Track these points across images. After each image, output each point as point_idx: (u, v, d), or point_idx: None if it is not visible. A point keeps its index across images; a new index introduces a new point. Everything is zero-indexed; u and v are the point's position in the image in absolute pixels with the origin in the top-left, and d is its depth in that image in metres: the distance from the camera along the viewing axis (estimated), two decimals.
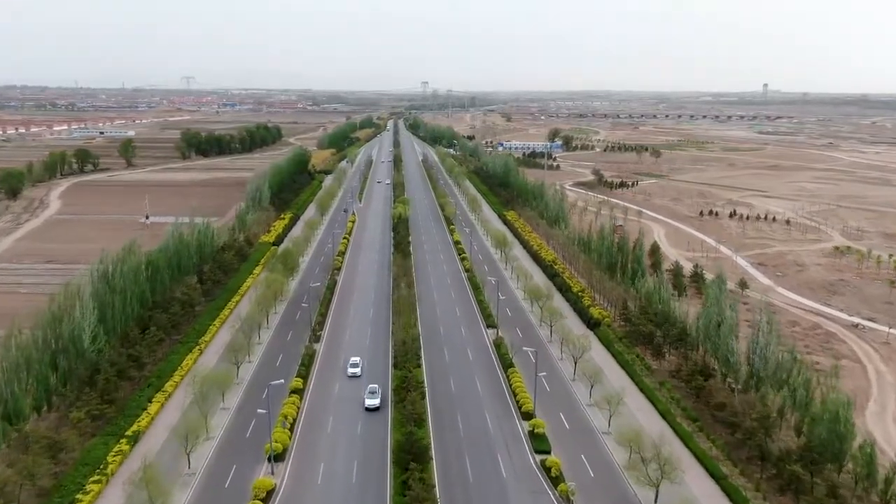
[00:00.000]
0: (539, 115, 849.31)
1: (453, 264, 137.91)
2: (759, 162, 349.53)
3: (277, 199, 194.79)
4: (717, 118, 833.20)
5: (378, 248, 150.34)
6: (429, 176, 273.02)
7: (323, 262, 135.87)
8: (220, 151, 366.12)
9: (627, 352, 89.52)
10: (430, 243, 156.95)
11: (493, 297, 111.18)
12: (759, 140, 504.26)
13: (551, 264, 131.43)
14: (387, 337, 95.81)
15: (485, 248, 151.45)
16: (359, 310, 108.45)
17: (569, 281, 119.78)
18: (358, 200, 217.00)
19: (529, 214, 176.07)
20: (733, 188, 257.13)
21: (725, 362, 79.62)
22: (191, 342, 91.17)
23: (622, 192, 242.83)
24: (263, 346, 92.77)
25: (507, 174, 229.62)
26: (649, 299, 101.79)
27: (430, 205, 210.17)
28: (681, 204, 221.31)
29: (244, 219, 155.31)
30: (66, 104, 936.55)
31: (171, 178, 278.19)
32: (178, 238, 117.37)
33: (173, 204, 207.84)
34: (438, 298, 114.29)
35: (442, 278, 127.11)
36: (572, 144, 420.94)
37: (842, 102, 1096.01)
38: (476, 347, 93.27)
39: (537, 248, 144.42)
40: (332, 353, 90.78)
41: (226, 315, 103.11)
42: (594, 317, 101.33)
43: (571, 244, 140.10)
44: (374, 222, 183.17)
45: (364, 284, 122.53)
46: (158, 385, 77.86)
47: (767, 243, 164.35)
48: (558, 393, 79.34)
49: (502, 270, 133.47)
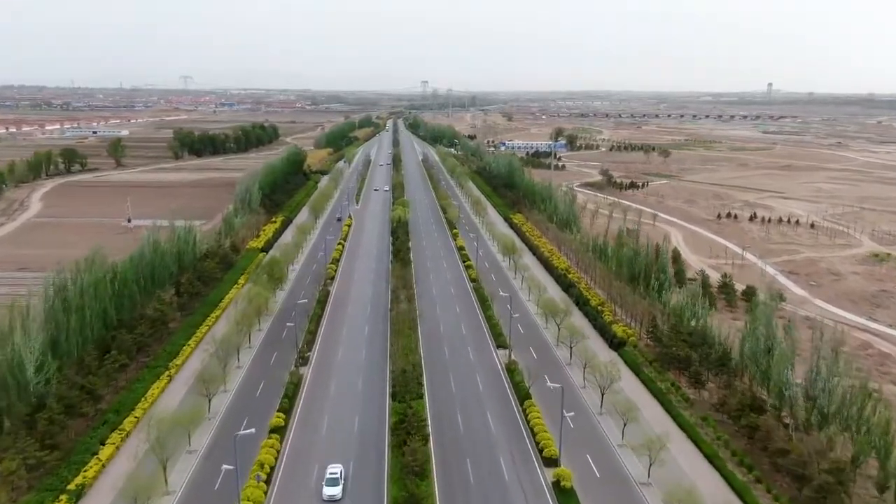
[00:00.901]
0: (540, 114, 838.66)
1: (457, 273, 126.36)
2: (771, 162, 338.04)
3: (269, 200, 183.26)
4: (719, 118, 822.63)
5: (375, 255, 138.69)
6: (429, 176, 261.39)
7: (315, 271, 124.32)
8: (215, 151, 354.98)
9: (660, 378, 78.02)
10: (432, 249, 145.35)
11: (503, 312, 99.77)
12: (766, 140, 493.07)
13: (564, 273, 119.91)
14: (384, 359, 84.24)
15: (491, 255, 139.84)
16: (353, 327, 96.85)
17: (585, 293, 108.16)
18: (355, 202, 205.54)
19: (537, 218, 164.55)
20: (748, 189, 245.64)
21: (779, 395, 68.10)
22: (160, 367, 79.67)
23: (633, 194, 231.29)
24: (243, 371, 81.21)
25: (512, 174, 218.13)
26: (680, 315, 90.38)
27: (432, 207, 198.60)
28: (696, 206, 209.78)
29: (231, 222, 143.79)
30: (62, 104, 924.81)
31: (160, 179, 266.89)
32: (153, 245, 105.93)
33: (160, 206, 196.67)
34: (442, 313, 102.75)
35: (445, 289, 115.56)
36: (576, 144, 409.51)
37: (847, 102, 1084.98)
38: (486, 373, 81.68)
39: (548, 255, 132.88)
40: (321, 380, 79.20)
41: (203, 333, 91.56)
42: (618, 335, 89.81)
43: (585, 251, 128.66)
44: (372, 225, 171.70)
45: (359, 296, 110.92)
46: (115, 422, 66.30)
47: (795, 249, 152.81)
48: (583, 430, 67.71)
49: (511, 280, 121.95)
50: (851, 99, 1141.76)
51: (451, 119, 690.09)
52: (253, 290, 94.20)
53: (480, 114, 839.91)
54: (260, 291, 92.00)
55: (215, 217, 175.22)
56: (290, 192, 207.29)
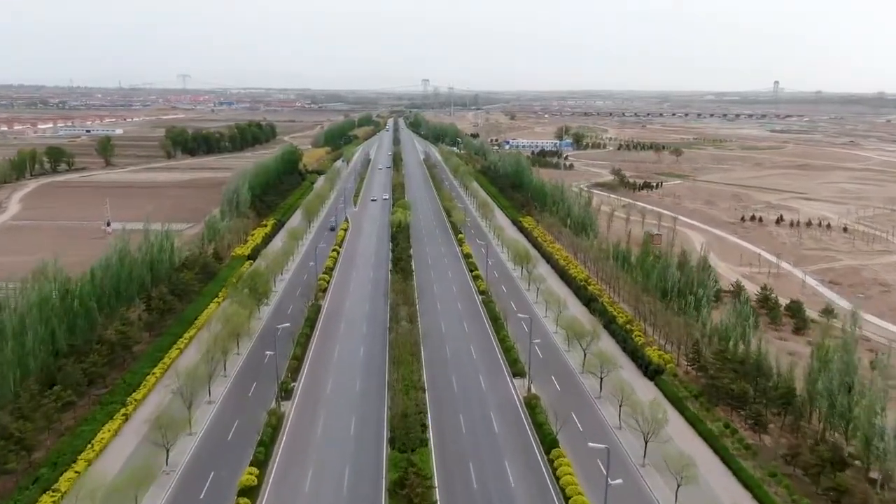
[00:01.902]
0: (543, 113, 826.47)
1: (464, 284, 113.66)
2: (787, 161, 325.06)
3: (260, 202, 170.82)
4: (724, 116, 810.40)
5: (373, 264, 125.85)
6: (431, 176, 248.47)
7: (306, 282, 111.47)
8: (209, 150, 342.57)
9: (709, 417, 65.30)
10: (436, 257, 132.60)
11: (518, 331, 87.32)
12: (776, 139, 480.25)
13: (584, 285, 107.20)
14: (381, 392, 71.65)
15: (500, 263, 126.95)
16: (346, 350, 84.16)
17: (610, 308, 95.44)
18: (352, 204, 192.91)
19: (549, 221, 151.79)
20: (768, 189, 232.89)
21: (865, 444, 55.51)
22: (115, 403, 67.09)
23: (647, 195, 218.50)
24: (214, 408, 68.59)
25: (520, 174, 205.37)
26: (724, 336, 77.84)
27: (435, 209, 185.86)
28: (716, 208, 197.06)
29: (215, 227, 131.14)
30: (58, 102, 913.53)
31: (149, 179, 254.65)
32: (120, 254, 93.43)
33: (146, 208, 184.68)
34: (448, 333, 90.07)
35: (451, 304, 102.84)
36: (583, 143, 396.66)
37: (857, 101, 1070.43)
38: (502, 411, 68.97)
39: (564, 264, 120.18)
40: (305, 420, 66.60)
41: (172, 358, 78.98)
42: (653, 362, 77.17)
43: (605, 258, 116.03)
44: (370, 229, 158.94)
45: (354, 312, 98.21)
46: (49, 480, 53.78)
47: (832, 256, 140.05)
48: (628, 491, 54.70)
49: (524, 292, 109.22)
50: (860, 98, 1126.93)
51: (453, 118, 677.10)
52: (230, 308, 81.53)
53: (482, 112, 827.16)
54: (238, 311, 79.27)
55: (203, 220, 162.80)
56: (284, 193, 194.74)
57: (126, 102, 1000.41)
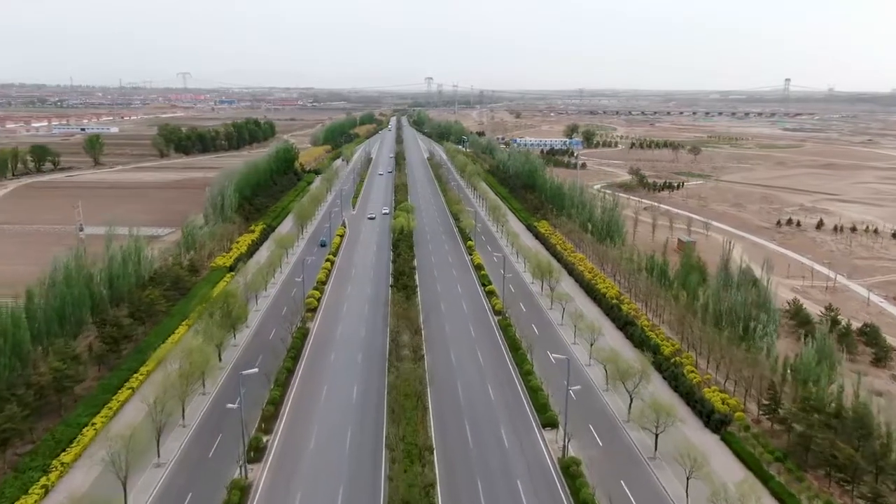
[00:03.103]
0: (548, 112, 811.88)
1: (477, 302, 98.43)
2: (810, 160, 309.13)
3: (249, 205, 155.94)
4: (733, 115, 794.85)
5: (371, 278, 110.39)
6: (436, 176, 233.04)
7: (294, 298, 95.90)
8: (204, 149, 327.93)
9: (804, 491, 50.08)
10: (443, 268, 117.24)
11: (544, 363, 72.18)
12: (793, 137, 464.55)
13: (616, 303, 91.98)
14: (377, 453, 56.57)
15: (517, 275, 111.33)
16: (336, 392, 68.90)
17: (651, 335, 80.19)
18: (351, 206, 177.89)
19: (569, 226, 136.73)
20: (797, 190, 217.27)
21: None
22: (33, 469, 52.15)
23: (669, 196, 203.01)
24: (163, 474, 53.59)
25: (533, 174, 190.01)
26: (803, 376, 62.66)
27: (441, 213, 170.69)
28: (745, 210, 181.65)
29: (193, 234, 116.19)
30: (56, 101, 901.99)
31: (137, 179, 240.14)
32: (68, 270, 78.57)
33: (129, 210, 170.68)
34: (460, 366, 74.93)
35: (462, 328, 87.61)
36: (593, 141, 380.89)
37: (867, 100, 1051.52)
38: (533, 480, 53.73)
39: (590, 277, 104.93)
40: (278, 494, 51.53)
41: (122, 402, 64.18)
42: (717, 409, 61.90)
43: (636, 270, 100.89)
44: (370, 236, 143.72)
45: (348, 340, 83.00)
46: None
47: (887, 266, 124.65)
48: None
49: (546, 311, 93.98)
50: (872, 96, 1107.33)
51: (457, 116, 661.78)
52: (193, 342, 66.16)
53: (487, 111, 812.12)
54: (201, 347, 63.88)
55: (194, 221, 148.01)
56: (277, 194, 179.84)
57: (125, 101, 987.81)
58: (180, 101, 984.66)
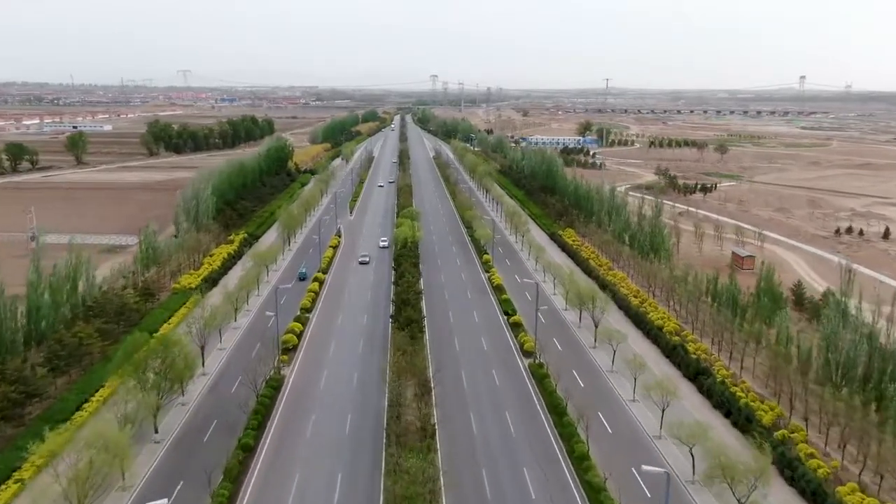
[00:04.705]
0: (555, 110, 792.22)
1: (500, 337, 78.18)
2: (844, 160, 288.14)
3: (232, 210, 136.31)
4: (745, 113, 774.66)
5: (368, 304, 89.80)
6: (444, 178, 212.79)
7: (269, 333, 75.88)
8: (197, 147, 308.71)
9: None
10: (455, 290, 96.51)
11: (599, 435, 52.26)
12: (818, 136, 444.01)
13: (679, 342, 71.86)
14: None
15: (545, 299, 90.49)
16: (313, 492, 48.91)
17: (735, 390, 60.17)
18: (348, 212, 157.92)
19: (601, 237, 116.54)
20: (842, 193, 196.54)
21: None
22: None
23: (702, 199, 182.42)
24: None
25: (552, 175, 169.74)
26: None
27: (450, 219, 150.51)
28: (793, 216, 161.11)
29: (153, 247, 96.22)
30: (53, 99, 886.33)
31: (118, 179, 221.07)
32: None
33: (99, 215, 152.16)
34: (486, 447, 54.64)
35: (485, 380, 67.26)
36: (608, 139, 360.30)
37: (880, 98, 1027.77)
38: None
39: (637, 303, 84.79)
40: None
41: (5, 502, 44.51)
42: None
43: (696, 297, 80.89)
44: (368, 247, 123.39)
45: (333, 397, 62.82)
46: None
47: None
48: None
49: (588, 351, 73.89)
50: (883, 95, 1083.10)
51: (464, 114, 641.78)
52: (106, 431, 45.57)
53: (493, 109, 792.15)
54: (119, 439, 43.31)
55: (167, 229, 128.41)
56: (265, 197, 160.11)
57: (125, 99, 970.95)
58: (180, 100, 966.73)
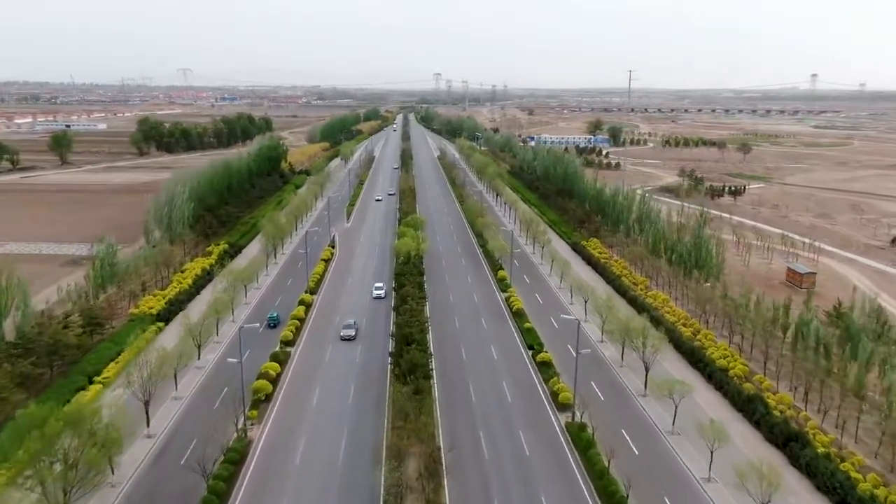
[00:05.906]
0: (561, 109, 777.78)
1: (526, 385, 62.71)
2: (873, 160, 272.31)
3: (213, 217, 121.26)
4: (754, 112, 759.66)
5: (363, 338, 74.60)
6: (450, 179, 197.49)
7: (237, 380, 60.70)
8: (190, 146, 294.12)
9: None
10: (467, 315, 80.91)
11: None
12: (837, 135, 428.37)
13: (756, 395, 56.73)
14: None
15: (579, 333, 75.43)
16: None
17: (848, 467, 45.16)
18: (345, 219, 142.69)
19: (633, 250, 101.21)
20: (881, 196, 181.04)
21: None
22: None
23: (734, 203, 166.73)
24: None
25: (570, 177, 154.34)
26: None
27: (458, 226, 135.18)
28: (836, 222, 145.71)
29: (108, 263, 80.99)
30: (50, 98, 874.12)
31: (101, 181, 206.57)
32: None
33: (75, 221, 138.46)
34: None
35: (511, 447, 52.22)
36: (620, 139, 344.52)
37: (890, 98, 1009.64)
38: None
39: (690, 335, 69.61)
40: None
41: None
42: None
43: (766, 328, 65.75)
44: (365, 261, 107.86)
45: (310, 476, 47.97)
46: None
47: None
48: None
49: (637, 399, 58.78)
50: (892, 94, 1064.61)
51: (468, 113, 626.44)
52: None
53: (498, 108, 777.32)
54: None
55: (140, 239, 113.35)
56: (254, 201, 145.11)
57: (124, 98, 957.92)
58: (180, 98, 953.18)
